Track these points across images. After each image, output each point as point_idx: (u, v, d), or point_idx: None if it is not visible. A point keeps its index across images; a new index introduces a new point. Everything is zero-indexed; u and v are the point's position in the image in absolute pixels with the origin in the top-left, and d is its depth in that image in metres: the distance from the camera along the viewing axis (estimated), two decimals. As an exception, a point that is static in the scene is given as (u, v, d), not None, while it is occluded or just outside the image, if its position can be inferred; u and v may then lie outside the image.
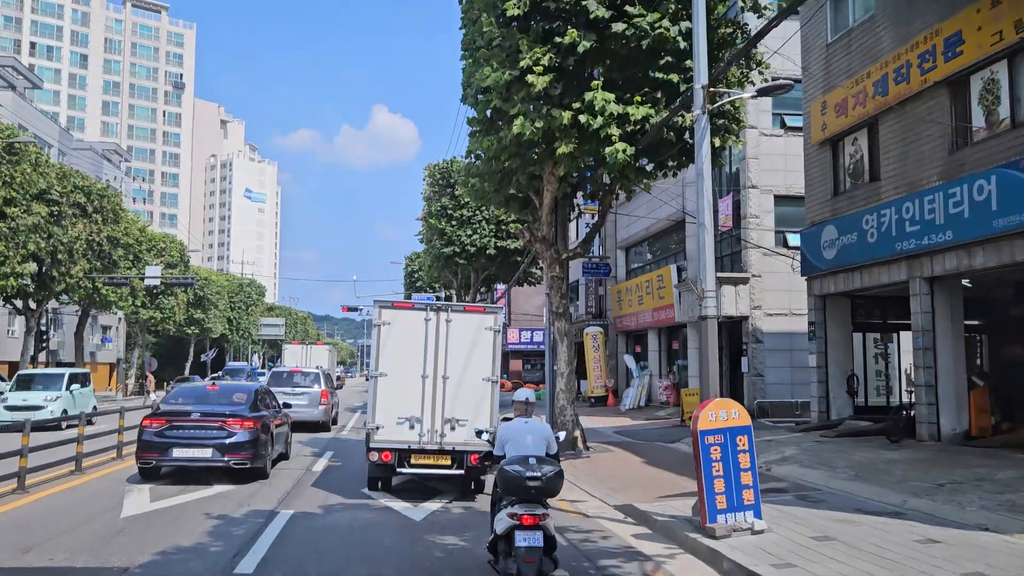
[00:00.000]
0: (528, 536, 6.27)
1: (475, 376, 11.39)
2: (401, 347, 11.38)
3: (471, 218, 31.09)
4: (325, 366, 32.47)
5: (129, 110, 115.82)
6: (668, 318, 28.06)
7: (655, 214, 30.02)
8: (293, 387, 23.19)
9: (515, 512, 6.34)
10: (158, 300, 53.83)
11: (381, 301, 11.97)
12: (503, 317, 15.10)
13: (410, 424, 11.23)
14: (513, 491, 6.44)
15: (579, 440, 17.44)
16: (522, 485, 6.35)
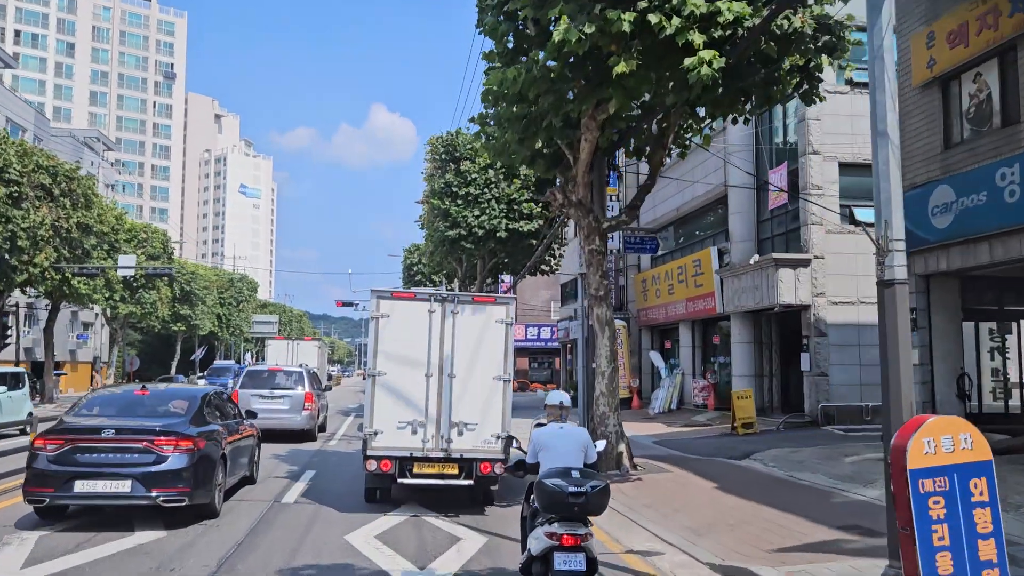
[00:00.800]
0: (569, 558, 5.74)
1: (485, 374, 10.28)
2: (402, 342, 10.25)
3: (479, 197, 27.44)
4: (314, 364, 28.87)
5: (118, 100, 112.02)
6: (706, 309, 24.44)
7: (687, 192, 26.39)
8: (271, 389, 19.57)
9: (555, 531, 5.81)
10: (138, 294, 50.08)
11: (379, 290, 10.58)
12: (515, 309, 11.99)
13: (412, 429, 10.11)
14: (553, 507, 5.86)
15: (625, 456, 13.83)
16: (564, 501, 5.77)
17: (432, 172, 29.16)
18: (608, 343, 14.03)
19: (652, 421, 24.59)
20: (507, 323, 10.50)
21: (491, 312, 10.50)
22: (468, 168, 27.61)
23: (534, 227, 27.63)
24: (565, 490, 5.74)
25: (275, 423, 19.52)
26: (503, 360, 10.38)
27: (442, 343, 10.30)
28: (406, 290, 13.17)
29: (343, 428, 25.12)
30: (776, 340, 22.99)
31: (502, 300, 10.82)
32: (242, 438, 11.43)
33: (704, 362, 26.92)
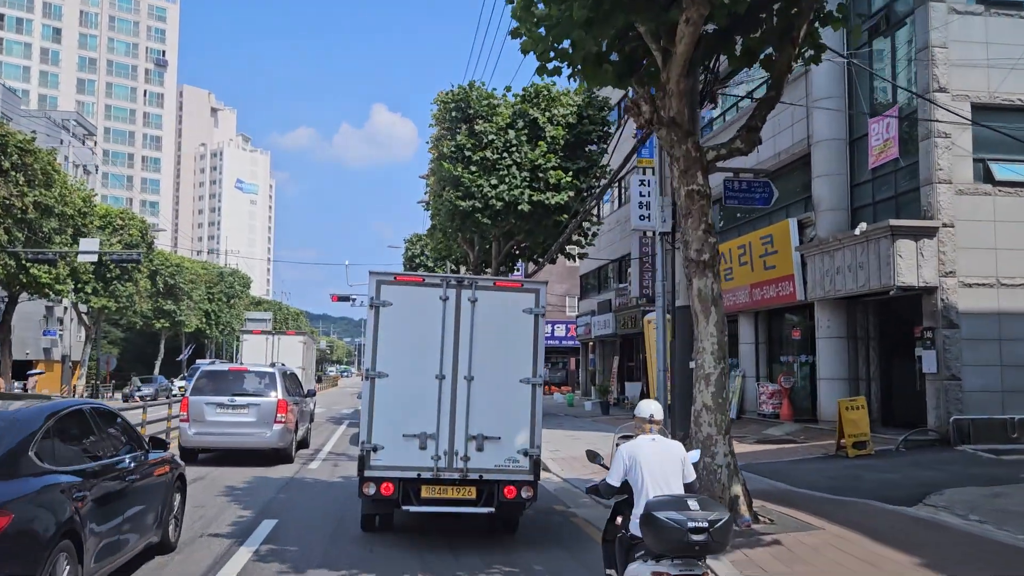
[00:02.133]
0: None
1: (510, 377, 8.50)
2: (408, 336, 8.50)
3: (497, 163, 22.76)
4: (298, 363, 24.17)
5: (106, 89, 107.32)
6: (780, 296, 19.74)
7: (751, 155, 21.68)
8: (233, 396, 14.91)
9: (664, 572, 4.84)
10: (112, 286, 45.40)
11: (379, 273, 8.65)
12: (545, 296, 9.27)
13: (420, 443, 8.30)
14: (668, 545, 4.80)
15: (742, 501, 9.18)
16: (683, 540, 4.70)
17: (441, 134, 24.46)
18: (716, 332, 9.36)
19: (712, 434, 19.87)
20: (536, 313, 8.72)
21: (517, 300, 8.75)
22: (484, 128, 22.93)
23: (563, 200, 22.96)
24: (684, 526, 4.70)
25: (236, 441, 14.91)
26: (532, 359, 8.62)
27: (457, 338, 8.58)
28: (412, 273, 10.33)
29: (332, 441, 20.45)
30: (875, 334, 18.29)
31: (530, 285, 8.91)
32: (136, 483, 6.78)
33: (770, 362, 22.22)
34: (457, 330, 8.60)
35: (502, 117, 23.13)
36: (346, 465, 15.66)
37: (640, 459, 5.49)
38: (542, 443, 8.61)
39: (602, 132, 24.23)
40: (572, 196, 23.16)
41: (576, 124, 23.79)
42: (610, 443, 8.02)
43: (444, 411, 8.47)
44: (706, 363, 9.35)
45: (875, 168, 17.23)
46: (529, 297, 8.76)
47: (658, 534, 4.80)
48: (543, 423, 8.80)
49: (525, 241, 26.73)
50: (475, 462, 8.40)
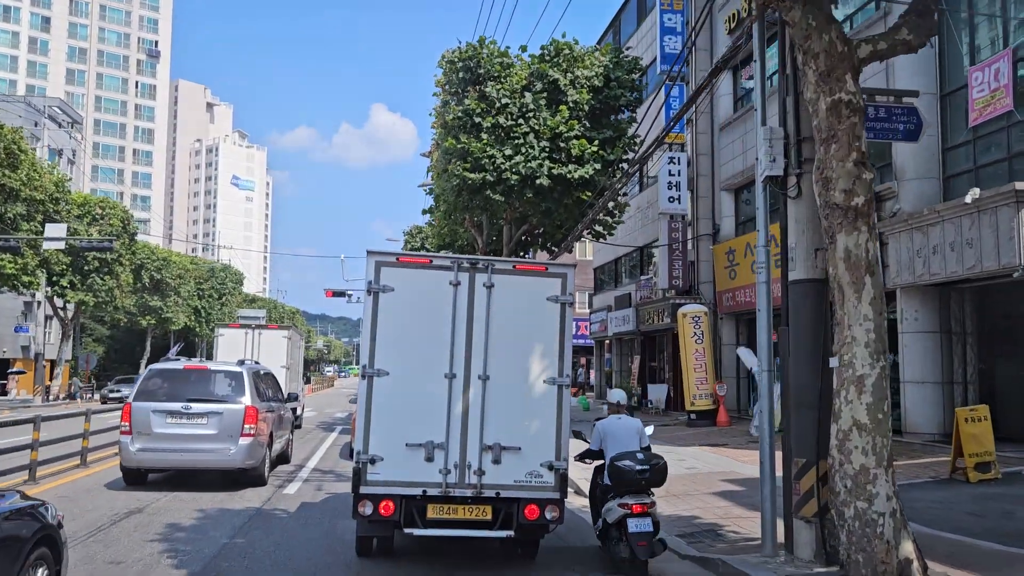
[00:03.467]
0: (639, 523, 7.27)
1: (532, 376, 7.58)
2: (413, 328, 7.54)
3: (512, 130, 19.65)
4: (283, 362, 21.04)
5: (97, 79, 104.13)
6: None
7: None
8: (187, 403, 11.80)
9: (626, 502, 7.38)
10: (90, 279, 42.26)
11: (379, 252, 7.63)
12: (573, 282, 8.01)
13: (427, 454, 7.32)
14: (623, 482, 7.48)
15: (915, 568, 6.10)
16: (633, 477, 7.42)
17: (446, 99, 21.33)
18: (872, 314, 6.29)
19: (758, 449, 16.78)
20: (564, 302, 7.64)
21: (540, 286, 7.69)
22: (495, 91, 19.80)
23: (587, 173, 19.83)
24: (634, 468, 7.45)
25: (192, 459, 11.82)
26: (558, 355, 7.59)
27: (470, 330, 7.51)
28: (418, 253, 8.67)
29: (319, 454, 17.35)
30: (973, 328, 15.19)
31: (556, 269, 7.78)
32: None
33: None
34: (470, 321, 7.57)
35: (517, 78, 20.02)
36: (333, 486, 12.59)
37: (611, 431, 8.22)
38: (569, 455, 7.55)
39: (631, 98, 21.11)
40: (598, 170, 20.04)
41: (602, 87, 20.68)
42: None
43: (455, 416, 7.49)
44: (857, 360, 6.29)
45: (978, 126, 14.12)
46: (554, 283, 7.68)
47: (618, 476, 7.56)
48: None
49: (540, 226, 23.62)
50: (491, 477, 7.43)
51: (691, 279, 25.43)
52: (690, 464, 14.81)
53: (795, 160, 7.46)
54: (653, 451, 8.05)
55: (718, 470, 14.01)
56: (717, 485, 12.43)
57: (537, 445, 7.45)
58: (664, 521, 9.89)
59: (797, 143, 7.49)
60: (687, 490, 12.08)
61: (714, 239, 24.86)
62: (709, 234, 25.10)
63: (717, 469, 14.12)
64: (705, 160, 25.41)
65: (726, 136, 23.37)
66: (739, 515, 10.18)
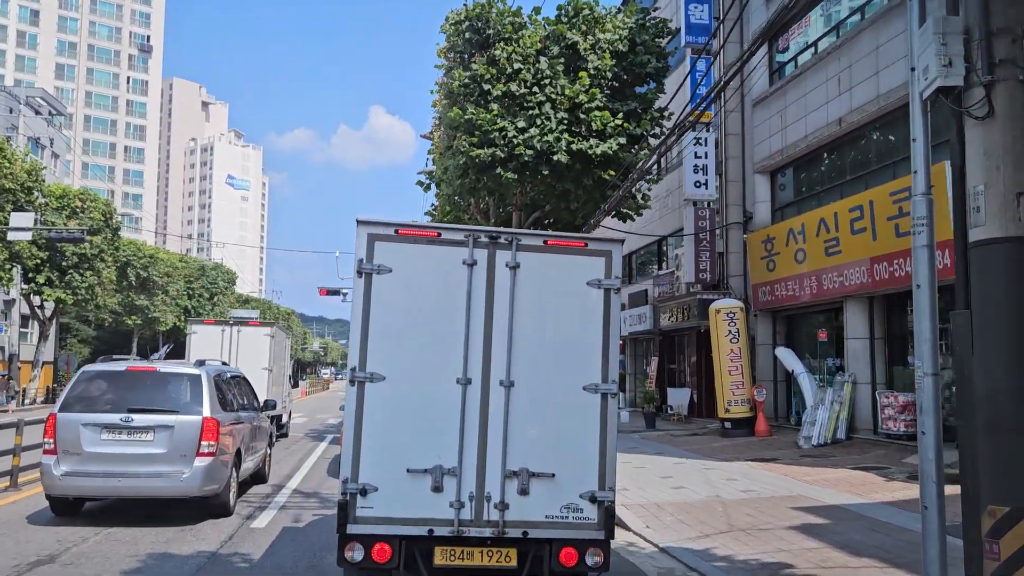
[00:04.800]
0: None
1: (569, 381, 6.19)
2: (416, 320, 6.17)
3: (525, 99, 17.25)
4: (264, 363, 18.58)
5: (87, 74, 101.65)
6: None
7: (866, 87, 16.22)
8: (127, 414, 9.40)
9: None
10: (68, 275, 39.77)
11: (372, 223, 6.21)
12: (619, 262, 6.45)
13: (434, 482, 5.94)
14: None
15: None
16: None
17: (451, 66, 18.90)
18: None
19: (825, 466, 14.39)
20: (608, 288, 6.26)
21: (579, 268, 6.30)
22: (506, 53, 17.38)
23: (609, 149, 17.42)
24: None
25: (132, 486, 9.41)
26: (602, 355, 6.19)
27: (489, 323, 6.15)
28: (422, 225, 6.73)
29: (303, 470, 14.94)
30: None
31: (599, 246, 6.36)
32: None
33: (892, 363, 16.67)
34: (490, 311, 6.31)
35: (531, 41, 17.62)
36: (317, 515, 10.18)
37: None
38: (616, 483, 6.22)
39: (659, 65, 18.71)
40: (622, 145, 17.63)
41: (627, 53, 18.28)
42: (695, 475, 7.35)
43: (470, 434, 6.14)
44: None
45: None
46: (596, 263, 6.41)
47: None
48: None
49: (552, 214, 21.19)
50: (516, 512, 6.09)
51: (719, 272, 23.04)
52: (744, 485, 12.40)
53: (983, 63, 5.06)
54: (689, 465, 7.04)
55: (782, 494, 11.60)
56: (791, 516, 10.01)
57: (575, 470, 6.09)
58: (743, 570, 7.50)
59: (986, 38, 5.08)
60: (755, 522, 9.67)
61: (745, 228, 22.47)
62: (739, 223, 22.70)
63: (780, 492, 11.71)
64: (735, 141, 23.02)
65: (761, 112, 20.99)
66: (845, 564, 7.75)
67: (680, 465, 14.76)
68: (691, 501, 11.20)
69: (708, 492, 11.89)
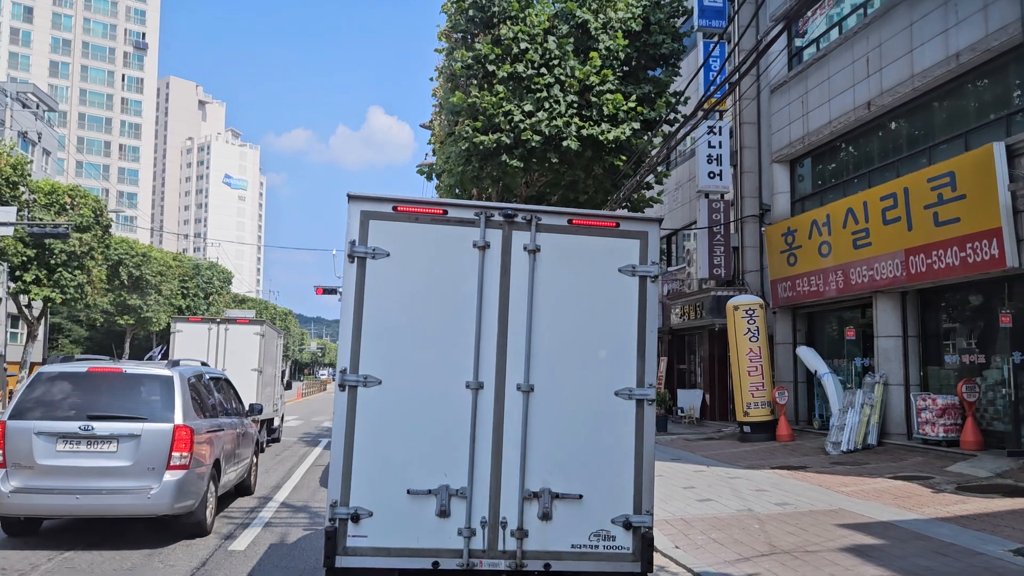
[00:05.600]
0: None
1: (597, 386, 5.50)
2: (418, 314, 5.46)
3: (533, 81, 16.13)
4: (254, 365, 17.44)
5: (82, 72, 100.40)
6: (974, 263, 12.99)
7: (898, 67, 15.11)
8: (87, 422, 8.27)
9: None
10: (57, 274, 38.58)
11: (366, 197, 5.50)
12: (657, 244, 5.61)
13: (440, 506, 5.26)
14: None
15: None
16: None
17: (452, 48, 17.77)
18: None
19: (860, 475, 13.27)
20: (644, 275, 5.55)
21: (610, 251, 5.56)
22: (512, 33, 16.26)
23: (622, 135, 16.29)
24: None
25: (93, 504, 8.25)
26: (636, 355, 5.50)
27: (504, 317, 5.45)
28: (427, 200, 5.73)
29: (295, 477, 13.82)
30: None
31: (633, 226, 5.63)
32: None
33: (926, 362, 15.54)
34: (505, 302, 5.46)
35: (538, 19, 16.49)
36: (307, 533, 9.05)
37: None
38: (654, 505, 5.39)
39: (674, 47, 17.58)
40: (636, 130, 16.50)
41: (640, 33, 17.15)
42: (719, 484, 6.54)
43: (482, 448, 5.31)
44: None
45: None
46: (629, 246, 5.57)
47: None
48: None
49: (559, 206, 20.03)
50: (538, 540, 5.27)
51: (734, 268, 21.93)
52: (777, 497, 11.27)
53: None
54: (711, 473, 5.85)
55: (822, 507, 10.46)
56: (838, 535, 8.87)
57: (607, 491, 5.40)
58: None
59: None
60: (800, 542, 8.53)
61: (761, 220, 21.37)
62: (756, 215, 21.62)
63: (820, 506, 10.57)
64: (750, 130, 21.93)
65: (780, 99, 19.87)
66: (922, 600, 6.61)
67: (701, 473, 13.62)
68: (722, 516, 10.07)
69: (739, 505, 10.76)
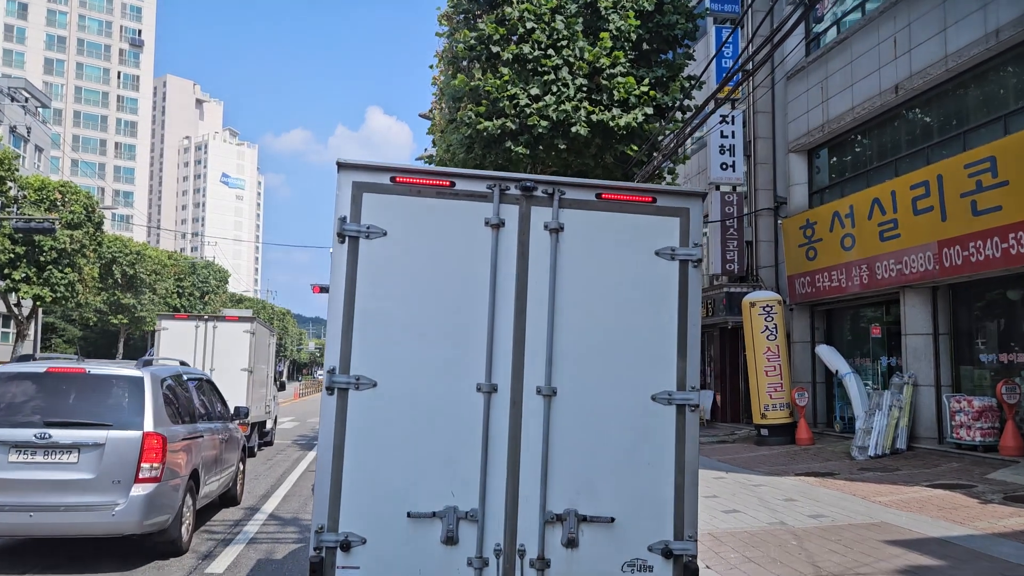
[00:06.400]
0: None
1: (631, 388, 4.77)
2: (420, 304, 4.73)
3: (539, 63, 15.21)
4: (244, 364, 16.49)
5: (77, 69, 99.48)
6: (1018, 254, 12.08)
7: (928, 49, 14.17)
8: (43, 429, 7.31)
9: None
10: (47, 272, 37.63)
11: (358, 166, 4.75)
12: (699, 222, 4.77)
13: (447, 532, 4.54)
14: None
15: None
16: None
17: (453, 30, 16.82)
18: None
19: (894, 483, 12.33)
20: (686, 259, 4.84)
21: (645, 231, 4.84)
22: (518, 12, 15.30)
23: (633, 121, 15.35)
24: None
25: (48, 523, 7.27)
26: (677, 351, 4.77)
27: (522, 307, 4.72)
28: (430, 170, 4.83)
29: (286, 485, 12.87)
30: None
31: (672, 201, 4.89)
32: None
33: (959, 362, 14.60)
34: (523, 290, 4.74)
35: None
36: (296, 550, 8.11)
37: None
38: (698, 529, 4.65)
39: (688, 28, 16.65)
40: (649, 116, 15.56)
41: (653, 12, 16.22)
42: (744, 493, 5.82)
43: (496, 463, 4.60)
44: None
45: None
46: (668, 225, 4.84)
47: None
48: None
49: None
50: (562, 571, 4.56)
51: (748, 263, 21.00)
52: (809, 508, 10.32)
53: None
54: (732, 480, 5.57)
55: (861, 520, 9.52)
56: (889, 554, 7.93)
57: (643, 513, 4.69)
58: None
59: None
60: (847, 563, 7.59)
61: (776, 213, 20.44)
62: (770, 208, 20.67)
63: (859, 519, 9.62)
64: (765, 119, 20.98)
65: (797, 86, 18.94)
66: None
67: (722, 480, 12.68)
68: (753, 531, 9.13)
69: (769, 518, 9.82)
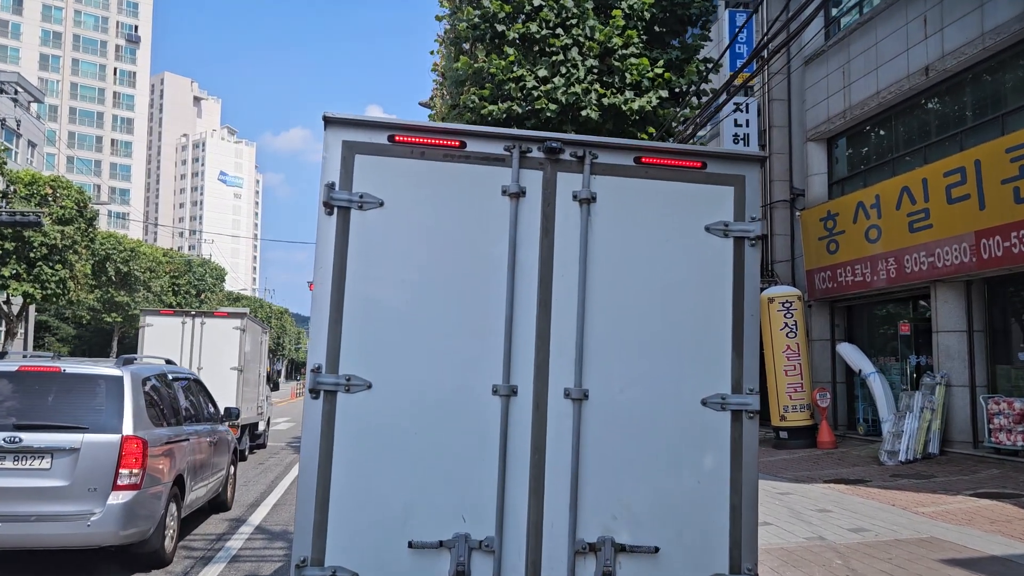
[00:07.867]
0: None
1: (677, 391, 3.99)
2: (422, 287, 3.94)
3: (547, 43, 14.36)
4: (234, 363, 15.63)
5: (72, 65, 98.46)
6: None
7: (961, 28, 13.36)
8: (13, 432, 6.49)
9: None
10: (37, 269, 36.76)
11: (349, 120, 3.91)
12: (758, 192, 3.97)
13: (458, 564, 3.67)
14: None
15: None
16: None
17: (455, 10, 15.99)
18: None
19: (933, 491, 11.51)
20: (742, 235, 4.06)
21: (693, 203, 4.07)
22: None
23: (647, 104, 14.52)
24: None
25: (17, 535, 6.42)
26: (732, 346, 4.01)
27: (546, 294, 3.94)
28: (436, 127, 3.96)
29: (278, 491, 12.03)
30: None
31: (723, 167, 4.08)
32: None
33: (995, 360, 13.78)
34: (547, 273, 3.95)
35: (555, -27, 14.72)
36: (282, 564, 7.28)
37: None
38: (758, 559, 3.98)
39: (704, 5, 15.84)
40: (663, 99, 14.75)
41: (668, -9, 15.40)
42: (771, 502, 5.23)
43: (516, 481, 3.82)
44: None
45: None
46: (720, 196, 4.07)
47: None
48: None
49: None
50: None
51: (763, 257, 20.18)
52: (846, 520, 9.49)
53: None
54: (760, 487, 4.49)
55: (907, 535, 8.69)
56: (945, 575, 7.11)
57: (692, 541, 3.91)
58: None
59: None
60: (905, 586, 6.77)
61: (792, 205, 19.63)
62: (786, 200, 19.86)
63: (904, 533, 8.79)
64: (780, 107, 20.18)
65: (815, 71, 18.13)
66: None
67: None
68: (790, 546, 8.30)
69: (806, 531, 8.99)
